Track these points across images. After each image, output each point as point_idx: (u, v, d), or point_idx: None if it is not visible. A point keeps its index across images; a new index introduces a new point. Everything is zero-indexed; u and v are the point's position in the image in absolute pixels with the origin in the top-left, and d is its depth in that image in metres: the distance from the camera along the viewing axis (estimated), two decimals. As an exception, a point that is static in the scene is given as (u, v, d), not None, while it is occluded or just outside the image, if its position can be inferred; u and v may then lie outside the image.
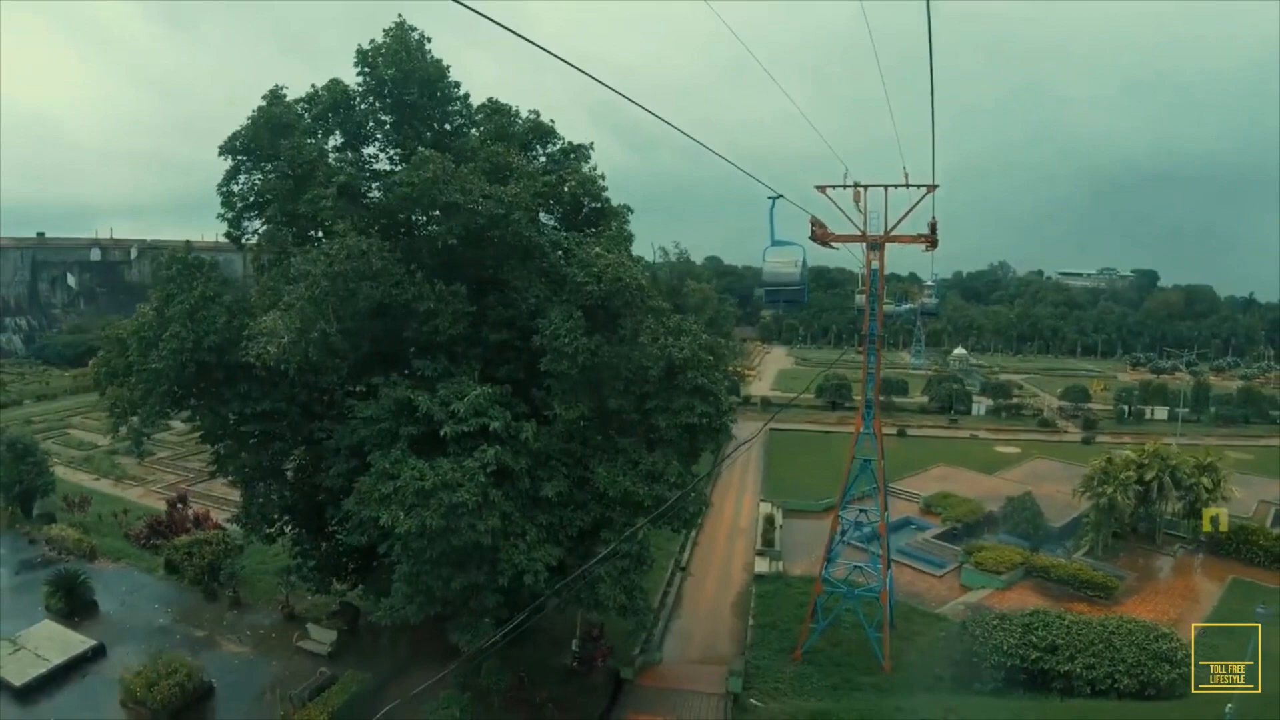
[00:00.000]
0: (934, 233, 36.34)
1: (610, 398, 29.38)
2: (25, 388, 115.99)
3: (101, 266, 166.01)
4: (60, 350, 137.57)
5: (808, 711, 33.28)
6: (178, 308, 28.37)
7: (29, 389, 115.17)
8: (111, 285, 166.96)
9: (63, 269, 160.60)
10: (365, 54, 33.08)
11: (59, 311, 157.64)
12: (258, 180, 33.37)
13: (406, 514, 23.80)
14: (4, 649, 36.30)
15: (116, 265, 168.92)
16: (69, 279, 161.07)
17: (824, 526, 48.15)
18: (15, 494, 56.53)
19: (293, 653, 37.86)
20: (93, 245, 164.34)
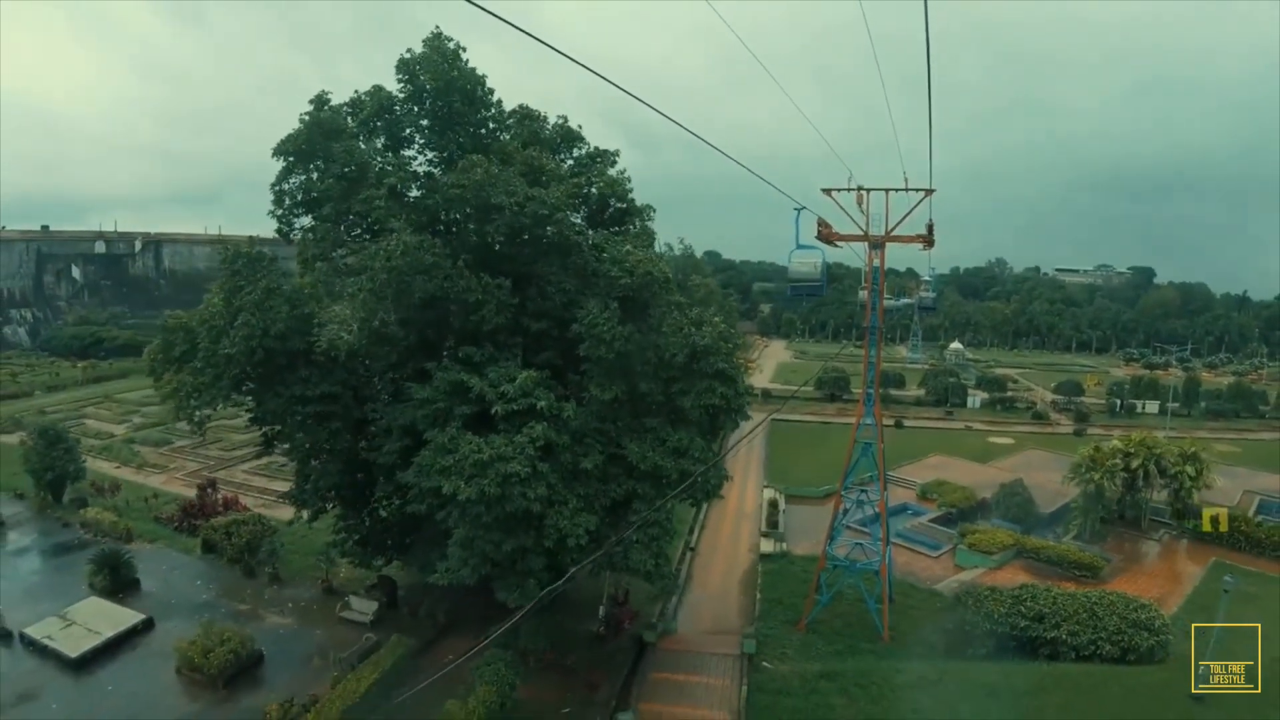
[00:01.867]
0: (931, 234, 39.58)
1: (640, 381, 32.77)
2: (35, 379, 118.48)
3: (106, 259, 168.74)
4: (67, 342, 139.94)
5: (815, 671, 36.58)
6: (246, 298, 31.47)
7: (39, 380, 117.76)
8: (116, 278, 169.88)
9: (67, 261, 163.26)
10: (406, 63, 36.21)
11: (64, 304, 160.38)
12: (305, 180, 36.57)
13: (466, 483, 27.15)
14: (55, 624, 39.26)
15: (121, 258, 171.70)
16: (74, 271, 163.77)
17: (824, 512, 51.96)
18: (47, 480, 59.33)
19: (335, 623, 40.99)
20: (97, 238, 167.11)
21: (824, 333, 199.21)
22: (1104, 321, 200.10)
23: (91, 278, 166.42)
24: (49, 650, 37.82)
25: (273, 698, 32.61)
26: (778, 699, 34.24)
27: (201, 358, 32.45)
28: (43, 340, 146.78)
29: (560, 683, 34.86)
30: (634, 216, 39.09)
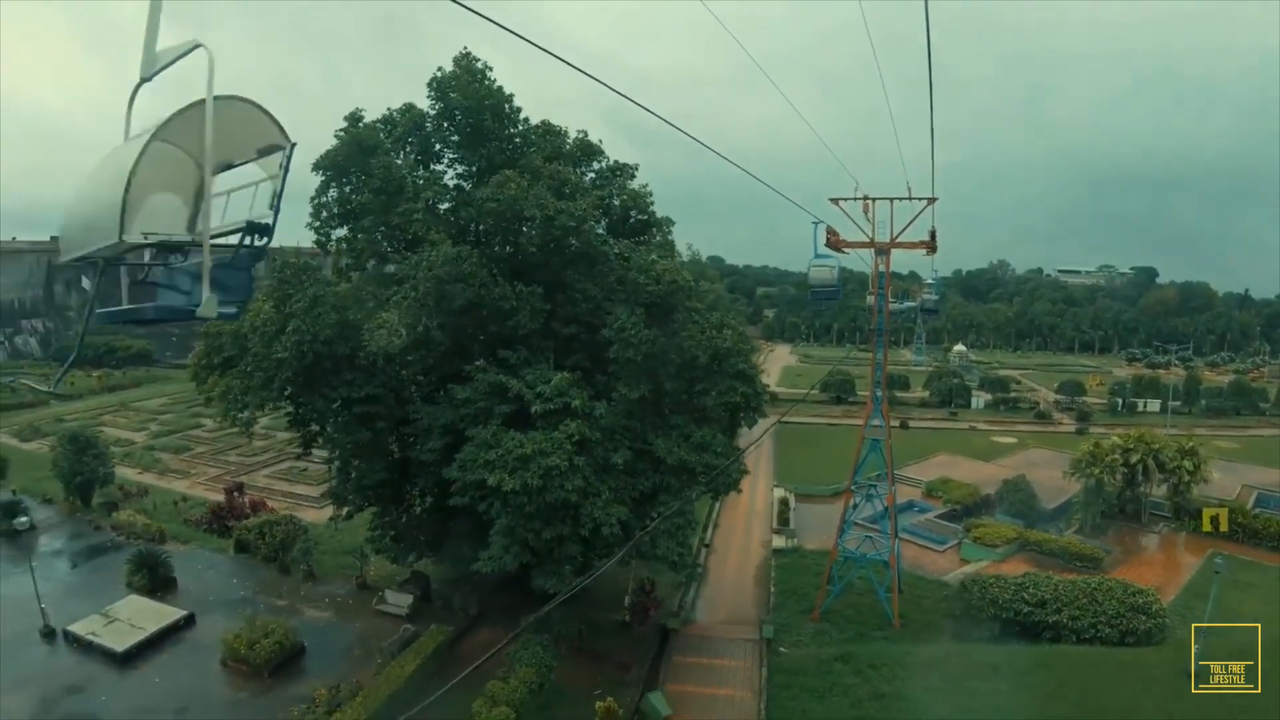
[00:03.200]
0: (933, 240, 42.10)
1: (665, 381, 35.41)
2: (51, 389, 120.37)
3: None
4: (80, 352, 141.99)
5: (830, 655, 39.10)
6: (295, 305, 33.89)
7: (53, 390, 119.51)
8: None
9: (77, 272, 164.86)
10: (436, 82, 38.86)
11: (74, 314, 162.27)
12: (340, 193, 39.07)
13: (510, 475, 29.68)
14: (98, 621, 41.56)
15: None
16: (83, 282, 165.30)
17: (832, 510, 54.81)
18: (76, 485, 61.60)
19: (372, 616, 43.47)
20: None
21: (828, 337, 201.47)
22: (1106, 321, 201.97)
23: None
24: (94, 646, 40.00)
25: (316, 686, 35.00)
26: (795, 678, 36.74)
27: (252, 362, 34.79)
28: (55, 350, 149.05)
29: (591, 666, 37.27)
30: (654, 227, 41.72)
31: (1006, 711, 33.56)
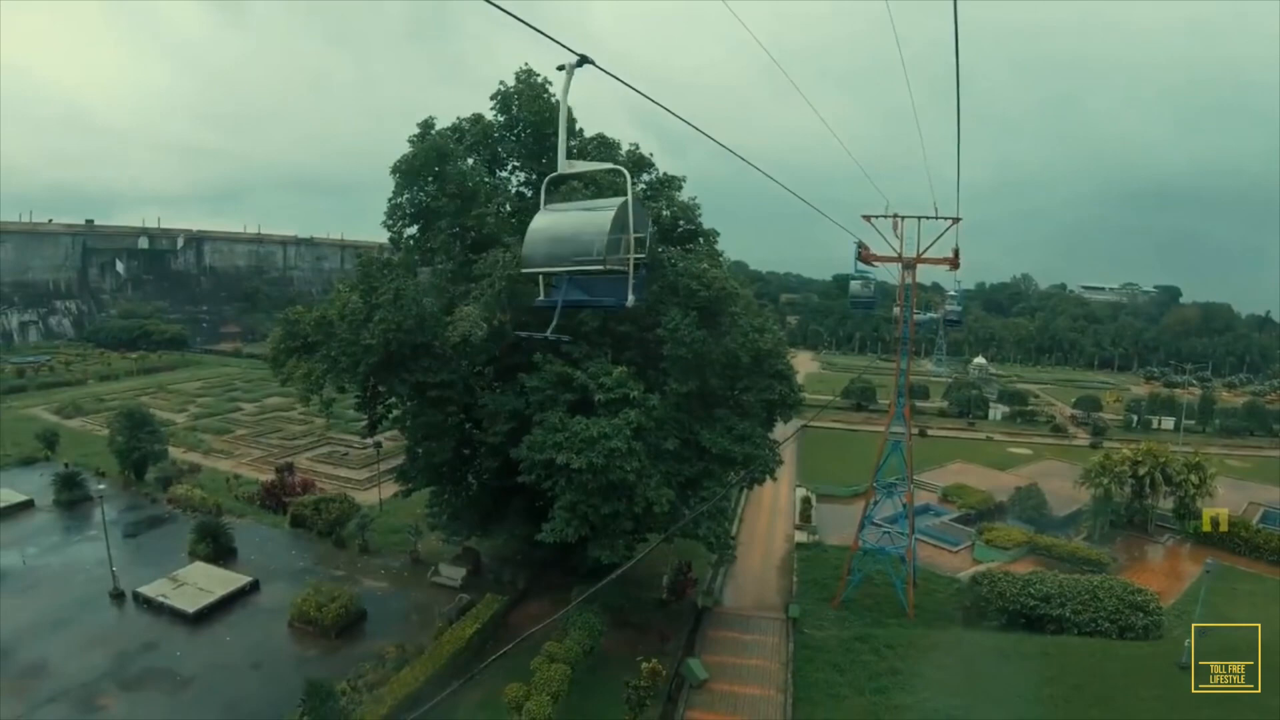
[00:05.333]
0: (956, 257, 46.06)
1: (711, 377, 39.74)
2: (88, 368, 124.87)
3: (149, 254, 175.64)
4: (115, 334, 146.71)
5: (849, 636, 43.24)
6: (382, 297, 38.11)
7: (92, 369, 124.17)
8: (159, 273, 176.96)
9: (112, 256, 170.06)
10: (500, 95, 43.35)
11: (108, 297, 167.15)
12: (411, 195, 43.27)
13: (577, 455, 33.98)
14: (167, 585, 46.00)
15: (163, 254, 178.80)
16: (118, 265, 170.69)
17: (851, 510, 59.23)
18: (132, 460, 65.93)
19: (427, 587, 47.85)
20: (141, 234, 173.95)
21: (850, 345, 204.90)
22: (1126, 339, 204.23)
23: (135, 272, 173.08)
24: (165, 607, 44.24)
25: (380, 646, 39.32)
26: (818, 654, 40.91)
27: (338, 347, 38.99)
28: (90, 331, 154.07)
29: (634, 637, 41.39)
30: (700, 236, 46.04)
31: (1009, 689, 37.46)
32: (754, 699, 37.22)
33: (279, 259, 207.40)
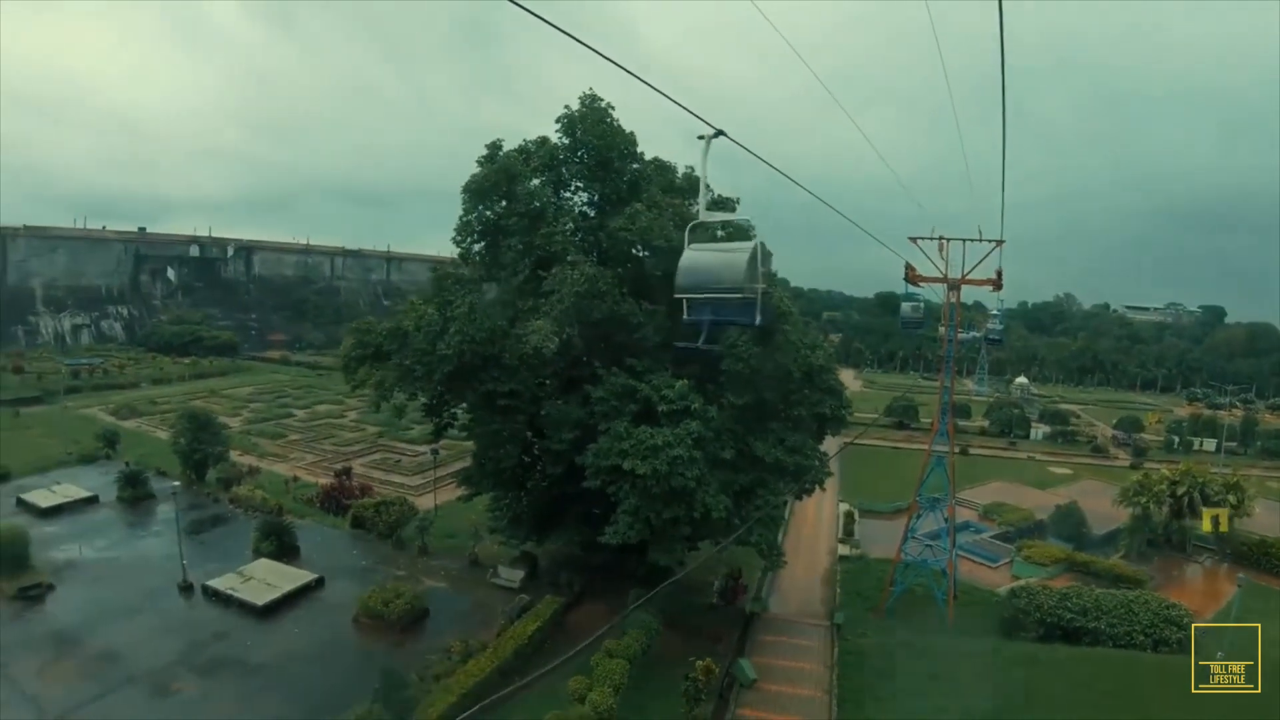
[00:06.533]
0: (999, 279, 48.06)
1: (765, 391, 42.27)
2: (140, 371, 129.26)
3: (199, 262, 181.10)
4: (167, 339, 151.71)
5: (892, 643, 45.45)
6: (457, 310, 40.89)
7: (144, 373, 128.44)
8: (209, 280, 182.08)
9: (163, 263, 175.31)
10: (565, 119, 45.90)
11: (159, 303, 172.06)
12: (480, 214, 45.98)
13: (642, 461, 36.56)
14: (235, 579, 48.89)
15: (213, 262, 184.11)
16: (169, 272, 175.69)
17: (893, 525, 61.54)
18: (194, 461, 69.12)
19: (486, 588, 50.47)
20: (191, 242, 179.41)
21: (892, 364, 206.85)
22: (1170, 360, 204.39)
23: (185, 279, 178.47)
24: (233, 600, 47.13)
25: (443, 642, 41.87)
26: (862, 659, 43.12)
27: (414, 356, 41.78)
28: (141, 336, 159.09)
29: (686, 639, 43.58)
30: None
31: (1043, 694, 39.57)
32: (801, 699, 39.51)
33: (326, 269, 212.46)
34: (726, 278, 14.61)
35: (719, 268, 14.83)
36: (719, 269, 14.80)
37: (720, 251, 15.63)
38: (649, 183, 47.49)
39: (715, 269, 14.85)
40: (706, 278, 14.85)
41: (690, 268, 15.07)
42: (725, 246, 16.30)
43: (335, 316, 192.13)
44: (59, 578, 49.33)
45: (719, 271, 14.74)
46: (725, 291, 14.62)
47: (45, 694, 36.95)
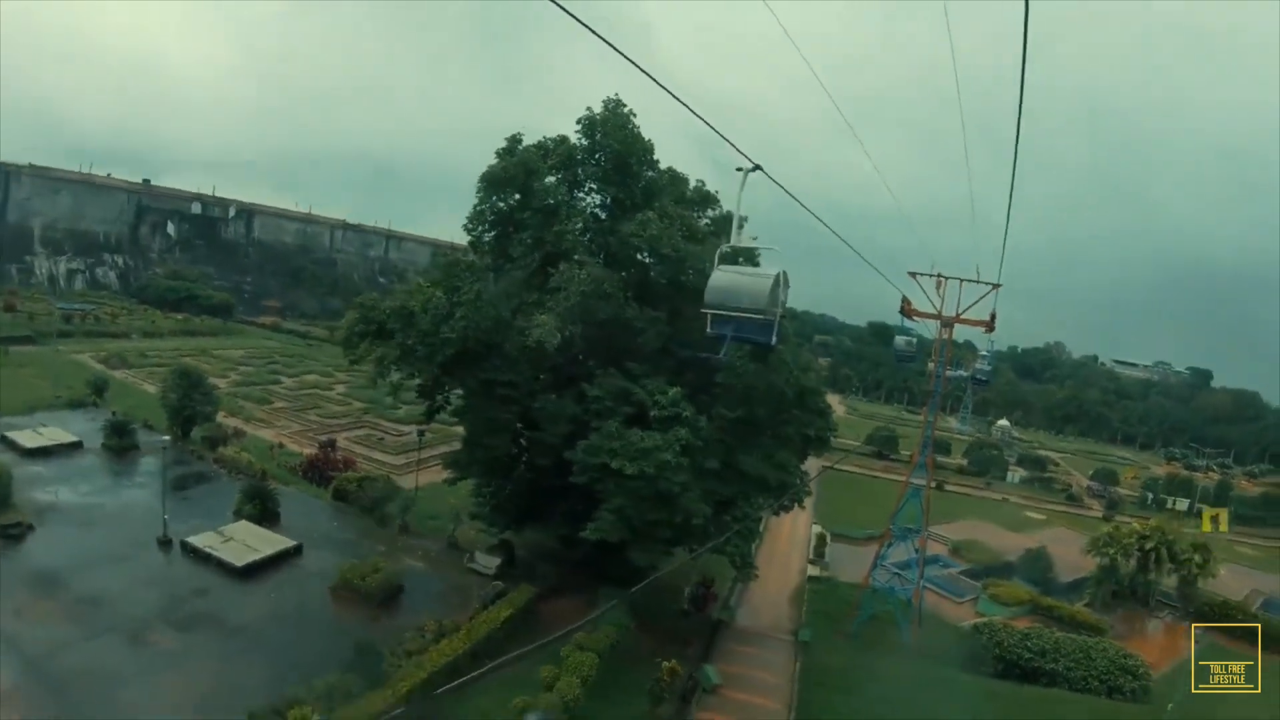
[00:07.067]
0: (993, 321, 49.29)
1: (756, 407, 43.41)
2: (132, 322, 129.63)
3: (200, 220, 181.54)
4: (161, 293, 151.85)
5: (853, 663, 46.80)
6: (464, 296, 41.93)
7: (135, 324, 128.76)
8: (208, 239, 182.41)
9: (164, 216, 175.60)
10: (586, 121, 47.05)
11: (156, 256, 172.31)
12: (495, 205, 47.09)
13: (631, 462, 37.64)
14: (215, 538, 49.15)
15: (214, 221, 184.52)
16: (169, 227, 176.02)
17: (863, 552, 63.62)
18: (181, 418, 69.65)
19: (462, 572, 51.01)
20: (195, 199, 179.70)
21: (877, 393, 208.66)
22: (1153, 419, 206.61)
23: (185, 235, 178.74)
24: (212, 558, 47.46)
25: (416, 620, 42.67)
26: (823, 676, 44.43)
27: (417, 336, 42.72)
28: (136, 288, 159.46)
29: (655, 641, 44.59)
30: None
31: (997, 725, 40.93)
32: (760, 708, 40.61)
33: (325, 240, 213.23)
34: (751, 299, 16.24)
35: (745, 290, 16.40)
36: (745, 291, 16.36)
37: (747, 275, 17.16)
38: (662, 192, 48.61)
39: (741, 290, 16.43)
40: (733, 297, 16.41)
41: (719, 287, 16.60)
42: (751, 271, 17.73)
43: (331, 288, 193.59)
44: (40, 519, 49.61)
45: (745, 293, 16.31)
46: (748, 311, 16.12)
47: (20, 633, 37.36)
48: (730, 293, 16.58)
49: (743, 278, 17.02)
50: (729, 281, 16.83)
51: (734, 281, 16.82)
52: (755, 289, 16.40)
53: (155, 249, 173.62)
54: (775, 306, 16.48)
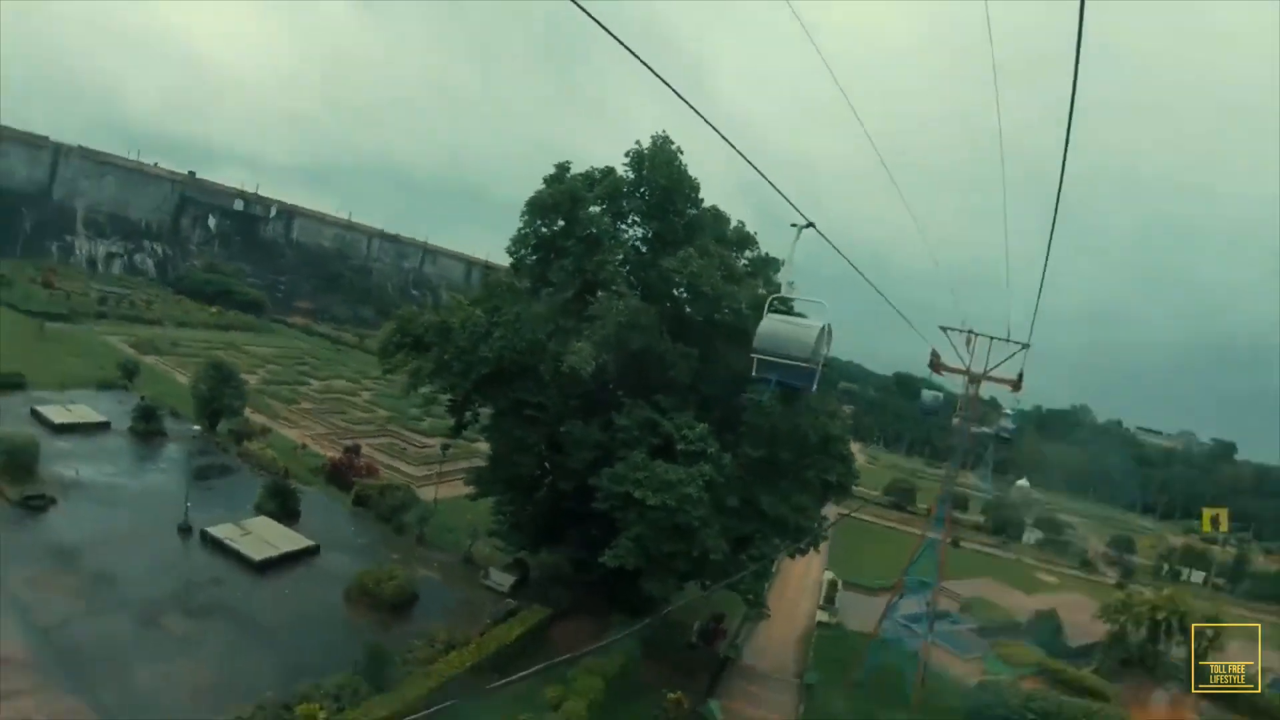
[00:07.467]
0: (1020, 380, 49.71)
1: (781, 449, 44.10)
2: (167, 311, 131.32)
3: (241, 216, 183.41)
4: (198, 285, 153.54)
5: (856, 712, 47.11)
6: (503, 317, 42.94)
7: (170, 313, 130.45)
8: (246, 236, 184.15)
9: (205, 210, 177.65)
10: (635, 154, 47.92)
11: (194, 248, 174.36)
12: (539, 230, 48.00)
13: (654, 493, 38.39)
14: (235, 530, 50.36)
15: (255, 219, 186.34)
16: (210, 220, 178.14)
17: (874, 602, 63.47)
18: (210, 409, 70.81)
19: (475, 587, 51.94)
20: (237, 195, 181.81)
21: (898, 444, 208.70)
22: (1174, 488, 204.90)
23: (225, 230, 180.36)
24: (231, 550, 48.62)
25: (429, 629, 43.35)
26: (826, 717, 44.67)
27: (454, 352, 43.72)
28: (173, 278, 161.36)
29: (662, 671, 45.09)
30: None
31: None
32: (761, 748, 41.20)
33: (363, 248, 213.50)
34: (797, 348, 17.50)
35: (792, 339, 17.68)
36: (792, 340, 17.63)
37: (795, 325, 18.28)
38: (704, 230, 49.40)
39: (789, 339, 17.70)
40: (781, 345, 17.70)
41: (769, 333, 17.88)
42: (799, 322, 18.90)
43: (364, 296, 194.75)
44: (63, 494, 50.72)
45: (792, 342, 17.57)
46: (794, 359, 17.21)
47: (35, 603, 38.31)
48: (778, 340, 17.81)
49: (790, 327, 18.16)
50: (777, 330, 18.05)
51: (782, 330, 18.02)
52: (802, 339, 17.57)
53: (195, 241, 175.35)
54: (819, 356, 17.58)
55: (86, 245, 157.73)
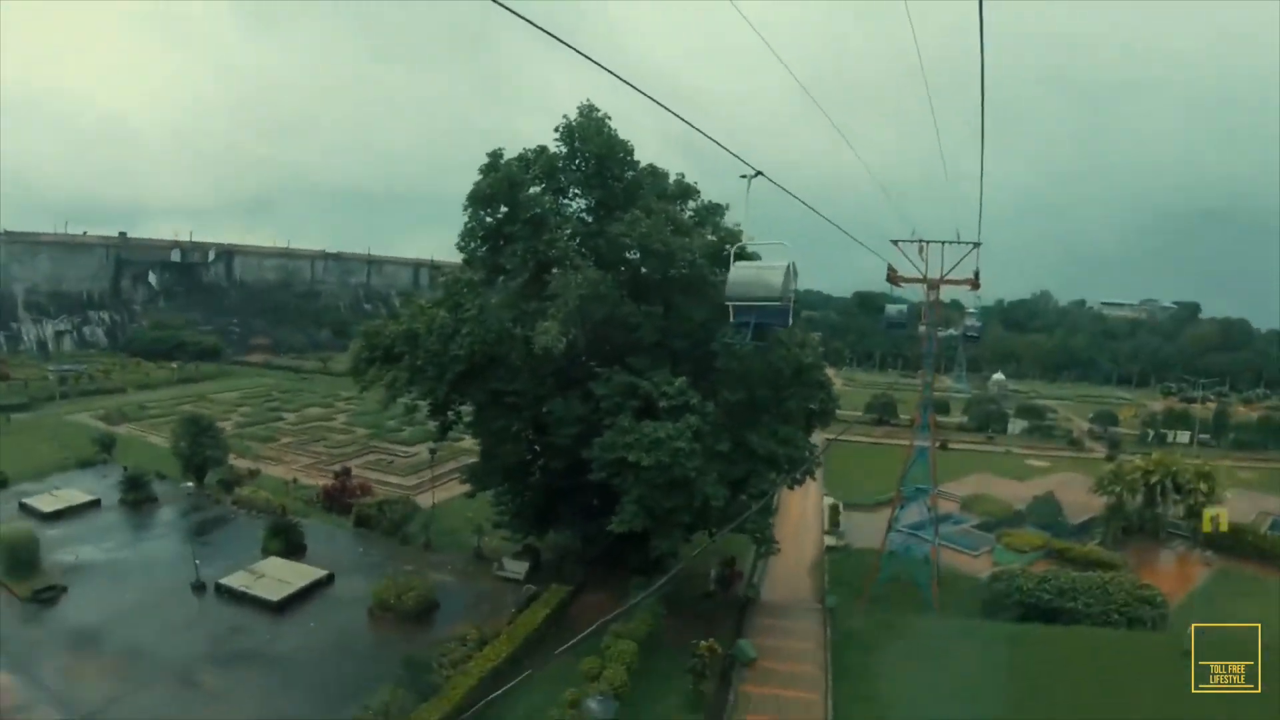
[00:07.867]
0: (977, 279, 50.83)
1: (757, 388, 45.10)
2: (126, 377, 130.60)
3: (180, 267, 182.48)
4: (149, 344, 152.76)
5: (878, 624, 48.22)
6: (467, 313, 43.49)
7: (129, 378, 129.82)
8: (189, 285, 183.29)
9: (144, 267, 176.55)
10: (564, 128, 48.30)
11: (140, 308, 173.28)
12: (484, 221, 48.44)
13: (646, 453, 39.31)
14: (247, 577, 50.85)
15: (194, 266, 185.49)
16: (150, 277, 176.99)
17: (876, 518, 64.74)
18: (194, 465, 71.20)
19: (491, 580, 52.98)
20: (173, 247, 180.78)
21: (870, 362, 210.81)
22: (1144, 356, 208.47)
23: (167, 284, 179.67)
24: (247, 597, 49.10)
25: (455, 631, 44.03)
26: (852, 639, 45.86)
27: (425, 357, 44.28)
28: (124, 342, 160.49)
29: (687, 624, 45.69)
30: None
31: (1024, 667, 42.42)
32: (799, 675, 42.25)
33: (307, 273, 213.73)
34: (767, 289, 18.53)
35: (761, 282, 18.67)
36: (761, 283, 18.61)
37: (761, 268, 19.25)
38: (643, 189, 50.11)
39: (758, 283, 18.70)
40: (751, 289, 18.57)
41: (738, 281, 18.86)
42: (764, 265, 19.91)
43: (316, 320, 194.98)
44: (70, 580, 50.79)
45: (761, 285, 18.56)
46: (766, 300, 18.08)
47: (72, 693, 38.51)
48: (748, 285, 18.87)
49: (757, 271, 19.19)
50: (746, 276, 19.04)
51: (750, 275, 19.04)
52: (769, 280, 18.64)
53: (139, 300, 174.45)
54: (789, 293, 18.50)
55: (33, 328, 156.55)
